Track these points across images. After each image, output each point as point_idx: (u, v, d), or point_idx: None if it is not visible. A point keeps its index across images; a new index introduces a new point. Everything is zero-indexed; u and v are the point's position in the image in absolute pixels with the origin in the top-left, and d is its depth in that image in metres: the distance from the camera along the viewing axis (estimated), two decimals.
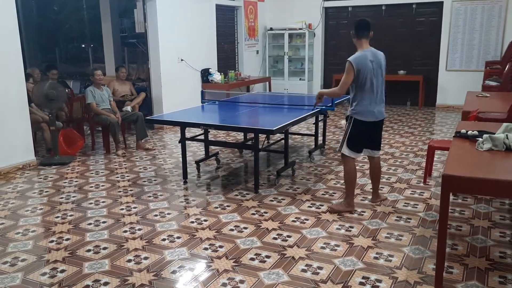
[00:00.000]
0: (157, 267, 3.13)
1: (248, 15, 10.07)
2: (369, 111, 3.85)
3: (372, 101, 3.85)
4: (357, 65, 3.76)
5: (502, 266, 3.07)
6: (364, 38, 3.87)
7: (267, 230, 3.71)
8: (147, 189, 4.80)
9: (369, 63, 3.79)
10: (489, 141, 3.06)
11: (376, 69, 3.83)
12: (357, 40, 3.91)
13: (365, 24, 3.89)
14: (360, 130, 3.91)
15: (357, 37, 3.89)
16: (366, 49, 3.87)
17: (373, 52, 3.87)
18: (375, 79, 3.83)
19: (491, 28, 9.12)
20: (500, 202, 4.25)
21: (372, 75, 3.80)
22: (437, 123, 8.35)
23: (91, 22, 11.23)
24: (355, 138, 3.93)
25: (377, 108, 3.88)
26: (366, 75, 3.78)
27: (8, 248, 3.47)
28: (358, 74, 3.77)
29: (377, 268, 3.07)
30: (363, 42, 3.88)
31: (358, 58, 3.80)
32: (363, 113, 3.85)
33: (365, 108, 3.84)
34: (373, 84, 3.82)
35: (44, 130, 6.07)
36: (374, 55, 3.85)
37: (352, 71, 3.77)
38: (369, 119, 3.87)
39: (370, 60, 3.80)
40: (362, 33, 3.86)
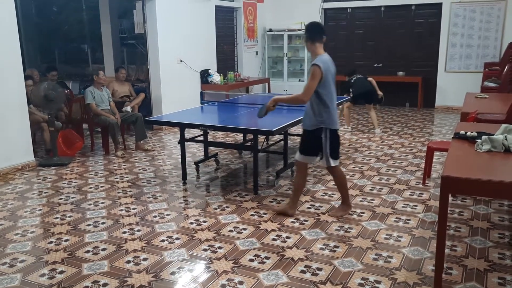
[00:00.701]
0: (156, 268, 3.13)
1: (248, 16, 10.08)
2: (335, 119, 3.76)
3: (335, 109, 3.77)
4: (324, 70, 3.59)
5: (501, 267, 3.08)
6: (319, 42, 3.72)
7: (266, 231, 3.72)
8: (146, 190, 4.80)
9: (331, 68, 3.68)
10: (488, 143, 3.06)
11: (333, 75, 3.73)
12: (311, 44, 3.72)
13: (320, 27, 3.79)
14: (335, 138, 3.81)
15: (312, 41, 3.71)
16: (324, 54, 3.72)
17: (329, 58, 3.74)
18: (333, 85, 3.74)
19: (490, 30, 9.14)
20: (499, 203, 4.26)
21: (332, 82, 3.71)
22: (436, 124, 8.36)
23: (91, 23, 11.22)
24: (335, 147, 3.83)
25: (336, 116, 3.79)
26: (330, 81, 3.67)
27: (7, 249, 3.47)
28: (325, 79, 3.61)
29: (376, 269, 3.07)
30: (318, 46, 3.72)
31: (324, 62, 3.62)
32: (333, 121, 3.73)
33: (332, 116, 3.72)
34: (332, 90, 3.72)
35: (43, 131, 6.06)
36: (331, 61, 3.74)
37: (319, 76, 3.58)
38: (336, 127, 3.79)
39: (331, 66, 3.71)
40: (317, 36, 3.71)
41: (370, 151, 6.30)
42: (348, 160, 5.85)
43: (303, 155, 3.87)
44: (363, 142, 6.83)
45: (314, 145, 3.81)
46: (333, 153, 3.82)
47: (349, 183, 4.88)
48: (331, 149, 3.79)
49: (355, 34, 10.49)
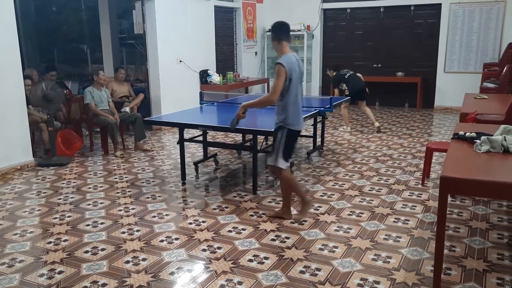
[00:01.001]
0: (155, 269, 3.13)
1: (247, 17, 10.08)
2: (298, 120, 3.72)
3: (299, 110, 3.72)
4: (289, 69, 3.52)
5: (500, 267, 3.08)
6: (285, 41, 3.65)
7: (265, 232, 3.71)
8: (145, 190, 4.80)
9: (296, 68, 3.61)
10: (487, 143, 3.07)
11: (299, 75, 3.66)
12: (277, 44, 3.66)
13: (285, 26, 3.70)
14: (293, 140, 3.77)
15: (278, 40, 3.65)
16: (290, 53, 3.65)
17: (296, 57, 3.67)
18: (300, 86, 3.69)
19: (489, 30, 9.15)
20: (498, 204, 4.26)
21: (298, 81, 3.65)
22: (435, 124, 8.37)
23: (90, 23, 11.22)
24: (289, 149, 3.77)
25: (301, 117, 3.77)
26: (295, 80, 3.59)
27: (6, 249, 3.47)
28: (290, 79, 3.55)
29: (375, 270, 3.07)
30: (284, 45, 3.65)
31: (289, 62, 3.55)
32: (295, 122, 3.68)
33: (295, 116, 3.68)
34: (298, 91, 3.67)
35: (42, 131, 6.05)
36: (297, 61, 3.67)
37: (284, 75, 3.52)
38: (299, 128, 3.74)
39: (297, 65, 3.64)
40: (283, 35, 3.65)
41: (369, 151, 6.31)
42: (347, 160, 5.85)
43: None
44: (362, 143, 6.83)
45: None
46: (286, 154, 3.74)
47: (348, 183, 4.89)
48: (285, 149, 3.72)
49: (354, 34, 10.50)
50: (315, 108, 5.59)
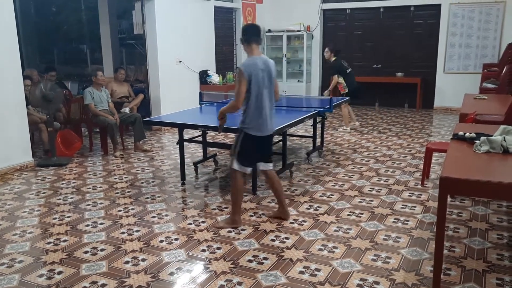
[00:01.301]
0: (154, 269, 3.13)
1: (247, 17, 10.08)
2: (259, 125, 3.60)
3: (263, 114, 3.59)
4: (248, 73, 3.48)
5: (499, 268, 3.08)
6: (254, 44, 3.60)
7: (265, 232, 3.71)
8: (145, 191, 4.80)
9: (259, 72, 3.52)
10: (487, 144, 3.07)
11: (266, 79, 3.56)
12: (247, 46, 3.63)
13: (255, 29, 3.67)
14: (251, 145, 3.67)
15: (247, 43, 3.61)
16: (257, 56, 3.60)
17: (264, 60, 3.59)
18: (266, 89, 3.57)
19: (488, 31, 9.15)
20: (498, 204, 4.26)
21: (262, 85, 3.54)
22: (434, 125, 8.37)
23: (90, 23, 11.22)
24: (246, 153, 3.69)
25: (268, 122, 3.64)
26: (256, 84, 3.52)
27: (5, 250, 3.46)
28: (250, 83, 3.50)
29: (374, 270, 3.07)
30: (254, 48, 3.61)
31: (249, 65, 3.52)
32: (254, 127, 3.60)
33: (255, 122, 3.58)
34: (262, 95, 3.56)
35: (41, 131, 6.05)
36: (265, 63, 3.57)
37: (244, 79, 3.49)
38: (259, 134, 3.63)
39: (261, 68, 3.53)
40: (252, 38, 3.60)
41: (368, 152, 6.31)
42: (347, 161, 5.85)
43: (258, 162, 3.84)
44: (361, 143, 6.83)
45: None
46: (240, 158, 3.69)
47: (348, 184, 4.89)
48: (240, 152, 3.68)
49: (354, 35, 10.50)
50: (314, 108, 5.59)
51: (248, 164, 3.78)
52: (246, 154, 3.71)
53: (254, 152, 3.75)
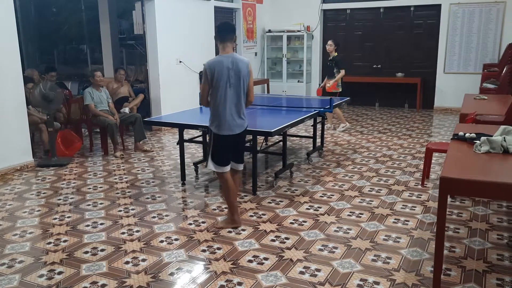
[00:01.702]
0: (155, 269, 3.13)
1: (247, 17, 10.08)
2: (225, 125, 3.56)
3: (227, 114, 3.55)
4: (211, 71, 3.48)
5: (499, 268, 3.08)
6: (227, 42, 3.56)
7: (265, 232, 3.71)
8: (145, 191, 4.80)
9: (225, 70, 3.47)
10: (487, 144, 3.07)
11: (233, 78, 3.50)
12: (220, 44, 3.60)
13: (228, 26, 3.64)
14: (221, 144, 3.65)
15: (220, 41, 3.58)
16: (227, 54, 3.56)
17: (234, 59, 3.53)
18: (232, 88, 3.52)
19: (488, 31, 9.15)
20: (498, 204, 4.26)
21: (228, 83, 3.50)
22: (435, 125, 8.37)
23: (90, 23, 11.22)
24: (217, 152, 3.68)
25: (235, 121, 3.59)
26: (222, 83, 3.48)
27: (6, 250, 3.46)
28: (213, 81, 3.49)
29: (375, 270, 3.07)
30: (226, 46, 3.57)
31: (213, 63, 3.51)
32: (220, 126, 3.58)
33: (220, 120, 3.56)
34: (227, 94, 3.52)
35: (42, 131, 6.05)
36: (234, 62, 3.51)
37: (206, 78, 3.50)
38: (226, 133, 3.59)
39: (227, 67, 3.48)
40: (225, 35, 3.56)
41: (369, 152, 6.31)
42: (347, 161, 5.85)
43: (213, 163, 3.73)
44: (362, 143, 6.83)
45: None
46: (214, 157, 3.69)
47: (348, 184, 4.90)
48: (213, 152, 3.68)
49: (354, 35, 10.50)
50: (314, 108, 5.59)
51: (223, 163, 3.71)
52: (217, 154, 3.69)
53: (224, 151, 3.71)
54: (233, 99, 3.57)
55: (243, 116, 3.68)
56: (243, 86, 3.61)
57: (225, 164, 3.74)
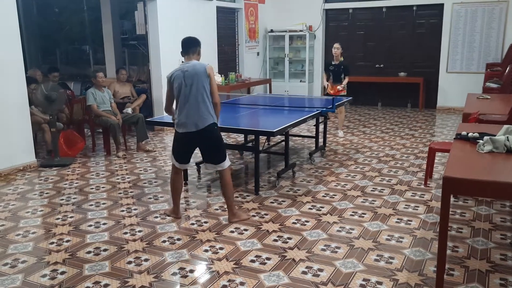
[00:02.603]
0: (157, 269, 3.13)
1: (249, 17, 10.08)
2: (182, 123, 3.80)
3: (186, 113, 3.77)
4: (169, 78, 3.85)
5: (503, 268, 3.07)
6: (190, 54, 3.94)
7: (267, 232, 3.71)
8: (148, 191, 4.80)
9: (181, 74, 3.77)
10: (490, 143, 3.06)
11: (191, 79, 3.74)
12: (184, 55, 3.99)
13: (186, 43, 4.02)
14: (178, 140, 3.92)
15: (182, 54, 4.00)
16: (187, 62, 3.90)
17: (192, 64, 3.83)
18: (187, 88, 3.74)
19: (491, 30, 9.13)
20: (501, 204, 4.25)
21: (183, 84, 3.75)
22: (437, 125, 8.35)
23: (92, 24, 11.23)
24: (175, 148, 3.97)
25: (191, 119, 3.76)
26: (177, 86, 3.77)
27: (9, 250, 3.47)
28: (172, 86, 3.82)
29: (377, 270, 3.07)
30: (186, 58, 3.95)
31: (172, 71, 3.87)
32: (178, 124, 3.84)
33: (179, 119, 3.81)
34: (186, 94, 3.75)
35: (44, 132, 6.07)
36: (191, 66, 3.80)
37: (168, 84, 3.88)
38: (181, 130, 3.82)
39: (184, 70, 3.78)
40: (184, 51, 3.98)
41: (371, 152, 6.30)
42: (350, 161, 5.84)
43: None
44: (364, 143, 6.82)
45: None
46: (173, 152, 3.99)
47: (351, 184, 4.89)
48: (173, 147, 4.00)
49: (356, 34, 10.49)
50: (317, 108, 5.59)
51: (179, 159, 3.95)
52: (175, 149, 3.97)
53: (181, 148, 3.93)
54: (191, 99, 3.76)
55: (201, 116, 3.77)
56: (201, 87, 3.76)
57: (180, 161, 3.96)
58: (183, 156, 3.96)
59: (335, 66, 7.24)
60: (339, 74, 7.22)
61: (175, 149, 3.98)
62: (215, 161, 3.93)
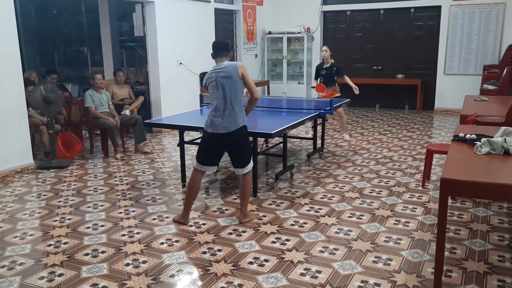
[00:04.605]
0: (155, 271, 3.13)
1: (247, 19, 10.09)
2: (212, 123, 3.77)
3: (215, 113, 3.75)
4: (205, 83, 3.86)
5: (500, 270, 3.07)
6: (218, 57, 3.87)
7: (265, 234, 3.71)
8: (146, 193, 4.79)
9: (214, 75, 3.76)
10: (487, 145, 3.07)
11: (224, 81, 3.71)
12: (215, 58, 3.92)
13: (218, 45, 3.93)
14: (205, 140, 3.87)
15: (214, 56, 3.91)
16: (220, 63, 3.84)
17: (224, 65, 3.78)
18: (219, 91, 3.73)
19: (489, 32, 9.16)
20: (498, 205, 4.26)
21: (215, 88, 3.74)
22: (435, 126, 8.37)
23: (90, 25, 11.23)
24: (200, 148, 3.93)
25: (222, 121, 3.73)
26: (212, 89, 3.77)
27: (6, 252, 3.46)
28: (206, 87, 3.85)
29: (375, 272, 3.07)
30: (217, 60, 3.88)
31: (207, 75, 3.85)
32: (208, 124, 3.80)
33: (210, 119, 3.78)
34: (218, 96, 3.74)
35: (42, 133, 6.05)
36: (224, 68, 3.76)
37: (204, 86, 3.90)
38: (210, 130, 3.77)
39: (215, 71, 3.77)
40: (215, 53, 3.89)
41: (369, 153, 6.30)
42: (348, 162, 5.85)
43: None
44: (362, 145, 6.83)
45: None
46: (198, 154, 3.92)
47: (349, 186, 4.89)
48: (198, 149, 3.95)
49: (354, 36, 10.51)
50: (315, 110, 5.59)
51: (203, 162, 3.87)
52: (200, 151, 3.91)
53: (208, 150, 3.87)
54: (221, 101, 3.73)
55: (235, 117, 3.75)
56: (233, 90, 3.74)
57: (204, 163, 3.88)
58: (207, 158, 3.87)
59: (326, 69, 7.02)
60: (332, 77, 7.02)
61: (200, 149, 3.91)
62: (243, 164, 3.89)
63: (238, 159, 3.90)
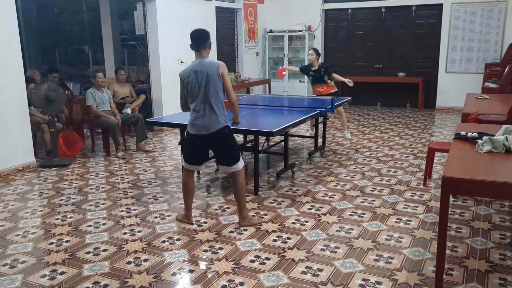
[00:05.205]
0: (157, 269, 3.13)
1: (248, 17, 10.08)
2: (193, 124, 3.69)
3: (195, 114, 3.66)
4: (182, 78, 3.70)
5: (502, 268, 3.07)
6: (200, 50, 3.70)
7: (267, 232, 3.71)
8: (147, 191, 4.80)
9: (192, 74, 3.62)
10: (489, 143, 3.06)
11: (203, 80, 3.59)
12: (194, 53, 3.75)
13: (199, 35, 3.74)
14: (188, 140, 3.83)
15: (192, 49, 3.75)
16: (197, 60, 3.71)
17: (203, 63, 3.65)
18: (199, 90, 3.60)
19: (490, 30, 9.13)
20: (500, 204, 4.25)
21: (196, 87, 3.61)
22: (436, 125, 8.36)
23: (91, 24, 11.24)
24: (185, 147, 3.92)
25: (202, 122, 3.64)
26: (189, 87, 3.64)
27: (8, 250, 3.47)
28: (185, 86, 3.68)
29: (377, 270, 3.07)
30: (196, 54, 3.73)
31: (184, 70, 3.73)
32: (189, 125, 3.74)
33: (191, 120, 3.71)
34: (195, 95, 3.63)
35: (44, 132, 6.06)
36: (202, 65, 3.63)
37: (180, 83, 3.73)
38: (192, 131, 3.71)
39: (195, 70, 3.62)
40: (195, 46, 3.72)
41: (370, 152, 6.30)
42: (349, 161, 5.85)
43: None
44: (363, 143, 6.83)
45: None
46: (184, 154, 3.95)
47: (350, 184, 4.89)
48: (184, 149, 3.99)
49: (355, 35, 10.50)
50: (316, 108, 5.59)
51: (188, 161, 3.85)
52: (185, 150, 3.92)
53: (192, 149, 3.82)
54: (204, 99, 3.63)
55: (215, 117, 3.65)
56: (213, 89, 3.62)
57: (190, 162, 3.86)
58: (193, 157, 3.84)
59: (315, 71, 6.98)
60: (321, 78, 7.00)
61: (185, 148, 3.91)
62: (228, 163, 3.81)
63: (223, 157, 3.86)
